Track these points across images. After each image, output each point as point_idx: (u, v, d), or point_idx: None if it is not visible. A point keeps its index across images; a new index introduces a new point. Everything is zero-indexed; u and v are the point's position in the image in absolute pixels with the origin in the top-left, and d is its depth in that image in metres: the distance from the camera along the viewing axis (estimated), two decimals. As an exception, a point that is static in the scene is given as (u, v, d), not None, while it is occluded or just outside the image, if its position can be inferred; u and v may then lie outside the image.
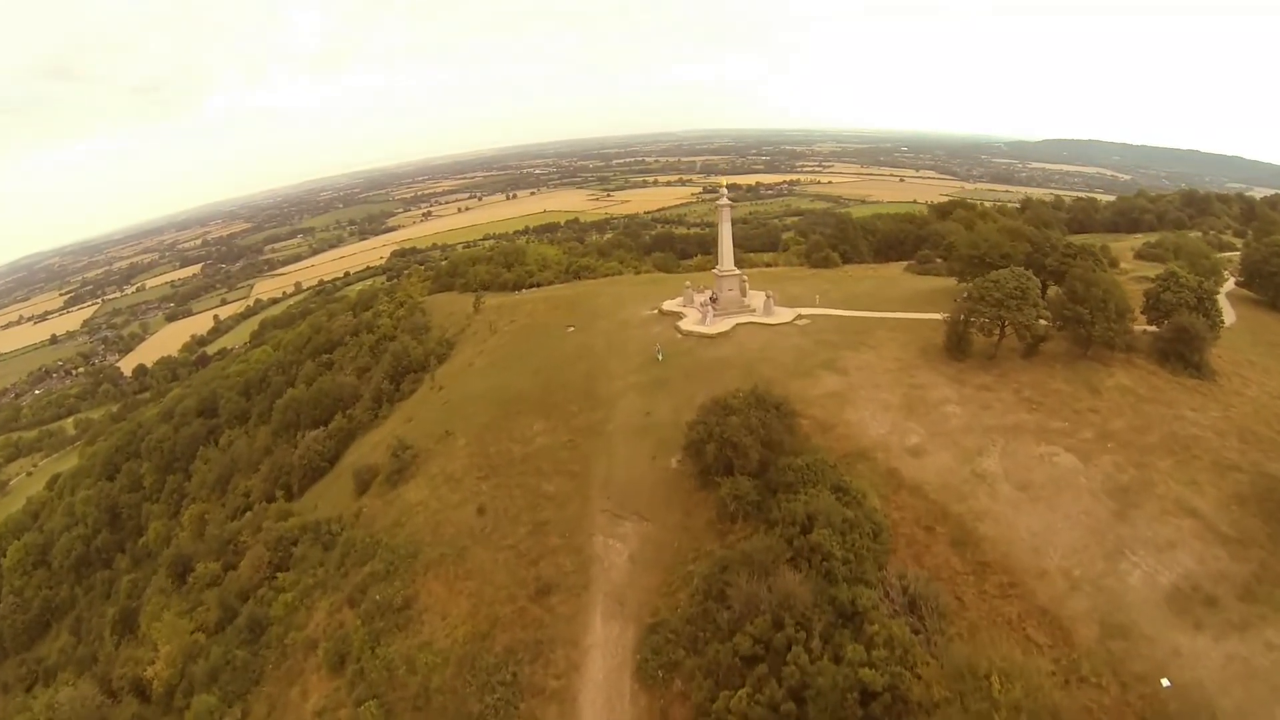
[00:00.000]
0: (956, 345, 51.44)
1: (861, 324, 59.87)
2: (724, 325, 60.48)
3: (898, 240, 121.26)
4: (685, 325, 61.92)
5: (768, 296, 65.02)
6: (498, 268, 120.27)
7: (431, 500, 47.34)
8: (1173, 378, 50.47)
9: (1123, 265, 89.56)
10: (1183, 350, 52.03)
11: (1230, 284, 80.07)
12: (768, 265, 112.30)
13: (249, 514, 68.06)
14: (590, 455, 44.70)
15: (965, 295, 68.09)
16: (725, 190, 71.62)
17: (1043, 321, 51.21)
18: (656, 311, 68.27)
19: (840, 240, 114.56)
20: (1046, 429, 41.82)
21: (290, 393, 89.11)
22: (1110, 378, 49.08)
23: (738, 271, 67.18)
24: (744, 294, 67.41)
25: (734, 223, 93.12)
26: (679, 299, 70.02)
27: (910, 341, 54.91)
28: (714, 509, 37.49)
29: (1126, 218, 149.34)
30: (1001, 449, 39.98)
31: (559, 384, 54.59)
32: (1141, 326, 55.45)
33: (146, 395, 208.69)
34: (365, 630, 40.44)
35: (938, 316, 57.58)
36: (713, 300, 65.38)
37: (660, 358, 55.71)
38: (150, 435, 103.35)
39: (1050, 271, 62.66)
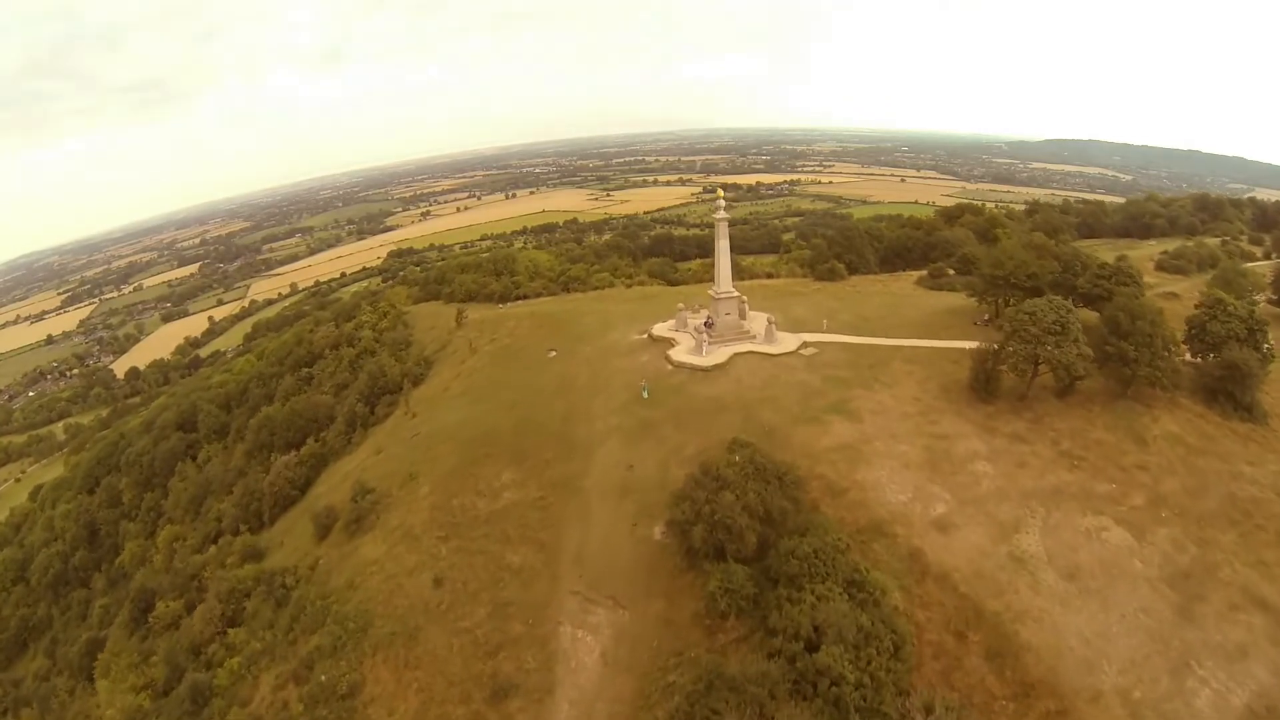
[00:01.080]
0: (984, 385, 45.26)
1: (874, 354, 53.99)
2: (720, 356, 54.51)
3: (905, 248, 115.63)
4: (677, 355, 55.93)
5: (769, 321, 59.18)
6: (485, 276, 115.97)
7: (387, 561, 42.05)
8: (1223, 422, 44.99)
9: (1146, 279, 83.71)
10: (1233, 389, 46.50)
11: (1261, 302, 74.33)
12: (768, 276, 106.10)
13: (214, 547, 65.10)
14: (562, 519, 38.98)
15: (987, 318, 62.83)
16: (722, 200, 61.59)
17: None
18: (646, 336, 62.33)
19: (846, 249, 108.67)
20: (1092, 494, 36.14)
21: (265, 411, 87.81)
22: (1155, 423, 43.46)
23: (736, 293, 60.74)
24: (743, 317, 61.55)
25: (733, 224, 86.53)
26: (671, 322, 64.13)
27: (930, 376, 49.08)
28: (701, 599, 31.85)
29: (1138, 223, 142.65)
30: (1042, 522, 34.22)
31: (534, 423, 48.97)
32: (1181, 356, 49.74)
33: (137, 400, 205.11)
34: (308, 718, 36.49)
35: (958, 344, 51.80)
36: (708, 325, 59.25)
37: (645, 395, 49.90)
38: (131, 448, 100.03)
39: (1082, 295, 56.92)
